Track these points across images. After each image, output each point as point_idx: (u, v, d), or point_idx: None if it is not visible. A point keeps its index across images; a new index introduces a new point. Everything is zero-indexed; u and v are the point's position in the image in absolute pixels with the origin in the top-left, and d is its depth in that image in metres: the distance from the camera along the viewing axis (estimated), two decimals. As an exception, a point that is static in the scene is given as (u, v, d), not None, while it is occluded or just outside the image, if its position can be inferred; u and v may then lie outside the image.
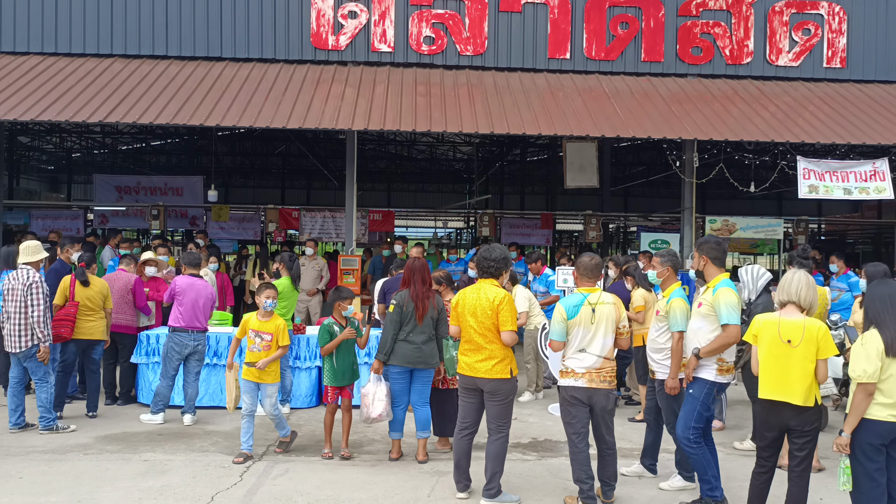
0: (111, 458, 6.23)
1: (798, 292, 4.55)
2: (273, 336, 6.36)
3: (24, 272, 7.01)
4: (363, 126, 10.05)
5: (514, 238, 15.65)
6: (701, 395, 5.09)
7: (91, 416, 7.60)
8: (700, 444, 5.10)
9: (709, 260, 5.24)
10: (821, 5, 12.32)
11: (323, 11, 11.82)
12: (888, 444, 4.19)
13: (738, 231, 12.82)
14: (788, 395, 4.41)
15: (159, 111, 10.02)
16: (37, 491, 5.39)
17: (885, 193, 10.35)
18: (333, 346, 6.35)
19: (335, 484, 5.67)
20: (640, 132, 10.44)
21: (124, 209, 14.88)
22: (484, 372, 5.26)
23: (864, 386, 4.13)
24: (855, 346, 4.24)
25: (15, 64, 11.29)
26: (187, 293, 7.48)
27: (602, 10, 12.09)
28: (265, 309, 6.41)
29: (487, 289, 5.36)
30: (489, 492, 5.21)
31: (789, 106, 11.45)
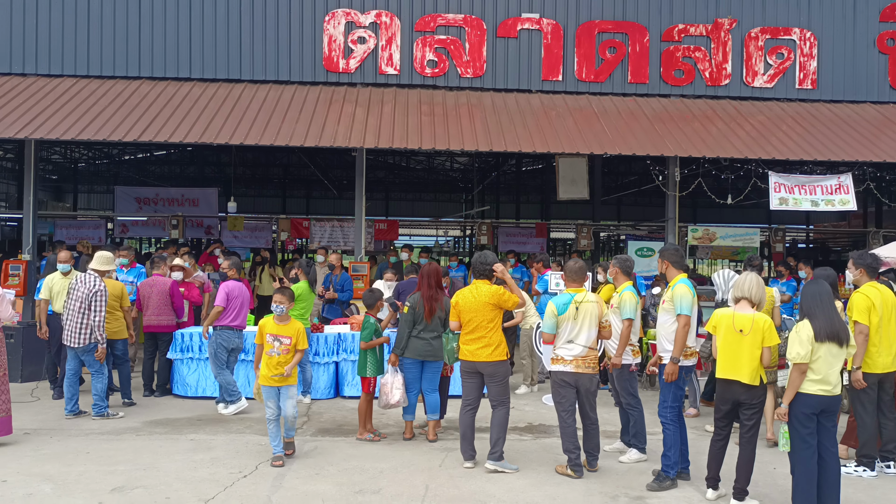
0: (161, 438, 7.15)
1: (749, 290, 5.52)
2: (292, 340, 6.45)
3: (91, 278, 7.91)
4: (374, 144, 11.00)
5: (511, 246, 16.59)
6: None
7: (127, 402, 8.46)
8: (675, 424, 6.02)
9: (669, 264, 6.19)
10: (793, 31, 13.35)
11: (334, 37, 12.81)
12: (818, 413, 5.14)
13: (718, 239, 13.81)
14: (739, 375, 5.37)
15: (187, 131, 10.95)
16: (106, 462, 6.30)
17: (848, 205, 11.33)
18: (377, 343, 7.23)
19: (358, 457, 6.60)
20: (626, 149, 11.41)
21: (145, 219, 15.79)
22: (485, 357, 6.25)
23: (798, 366, 5.09)
24: (791, 333, 5.21)
25: (51, 86, 12.22)
26: (235, 295, 8.39)
27: (592, 35, 13.10)
28: (276, 314, 6.53)
29: (483, 287, 6.37)
30: (493, 455, 6.18)
31: (763, 125, 12.45)
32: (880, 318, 6.34)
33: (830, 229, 23.59)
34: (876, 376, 6.39)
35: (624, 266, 6.83)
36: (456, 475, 6.11)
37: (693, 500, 5.60)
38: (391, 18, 12.86)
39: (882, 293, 6.46)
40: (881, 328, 6.34)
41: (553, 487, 5.85)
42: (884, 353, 6.36)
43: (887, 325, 6.38)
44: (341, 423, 7.90)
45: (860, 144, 11.85)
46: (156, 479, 5.85)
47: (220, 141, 10.83)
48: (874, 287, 6.49)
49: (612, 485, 5.94)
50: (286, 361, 6.40)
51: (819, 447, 5.15)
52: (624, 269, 6.81)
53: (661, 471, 5.92)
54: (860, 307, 6.35)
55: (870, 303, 6.34)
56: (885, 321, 6.37)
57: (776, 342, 5.40)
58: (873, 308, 6.33)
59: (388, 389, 7.05)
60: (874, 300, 6.36)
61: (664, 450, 5.96)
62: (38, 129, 10.77)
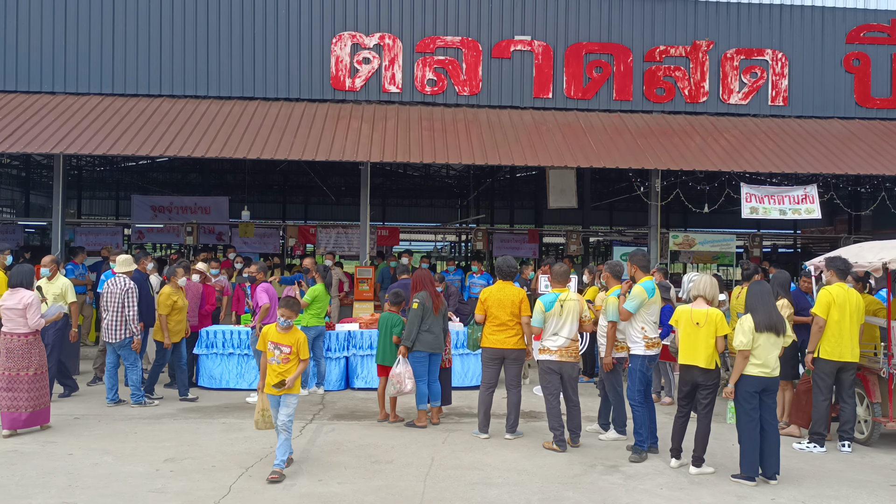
0: (196, 421, 8.11)
1: (704, 289, 6.52)
2: (292, 349, 6.25)
3: (121, 279, 8.90)
4: (378, 158, 11.99)
5: (504, 251, 17.59)
6: (638, 366, 7.02)
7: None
8: (643, 405, 7.01)
9: (637, 268, 7.17)
10: (766, 52, 14.41)
11: (341, 58, 13.81)
12: (760, 392, 6.15)
13: (697, 245, 14.83)
14: (696, 361, 6.36)
15: (207, 146, 11.92)
16: (153, 440, 7.27)
17: (814, 214, 12.36)
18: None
19: (372, 436, 7.58)
20: (611, 163, 12.41)
21: (161, 226, 16.75)
22: (511, 344, 7.44)
23: (742, 352, 6.10)
24: (737, 326, 6.22)
25: (78, 104, 13.19)
26: (272, 294, 9.36)
27: (579, 56, 14.13)
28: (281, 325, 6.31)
29: (508, 288, 7.49)
30: (512, 427, 7.51)
31: (738, 139, 13.48)
32: (841, 315, 7.20)
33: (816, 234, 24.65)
34: (834, 364, 7.26)
35: (614, 271, 7.72)
36: (458, 450, 7.09)
37: (659, 468, 6.59)
38: (394, 40, 13.87)
39: (848, 293, 7.35)
40: (841, 323, 7.21)
41: (541, 458, 6.84)
42: (843, 345, 7.21)
43: (849, 321, 7.24)
44: (353, 410, 8.87)
45: (826, 158, 12.88)
46: (200, 452, 6.82)
47: (238, 155, 11.81)
48: (841, 287, 7.39)
49: (591, 457, 6.94)
50: (287, 370, 6.18)
51: (761, 420, 6.15)
52: (614, 274, 7.67)
53: (636, 445, 6.91)
54: (820, 302, 7.29)
55: (830, 299, 7.25)
56: (846, 318, 7.22)
57: (727, 332, 6.41)
58: (833, 304, 7.23)
59: (401, 379, 7.95)
60: (836, 298, 7.26)
61: (636, 427, 6.94)
62: (71, 144, 11.75)
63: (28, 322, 7.23)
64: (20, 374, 7.33)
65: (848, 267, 7.41)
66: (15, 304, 7.19)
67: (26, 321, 7.23)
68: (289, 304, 6.37)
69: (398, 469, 6.44)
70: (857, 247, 8.30)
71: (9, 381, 7.32)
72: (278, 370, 6.18)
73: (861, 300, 7.35)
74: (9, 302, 7.24)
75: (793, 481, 6.24)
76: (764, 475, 6.17)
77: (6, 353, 7.33)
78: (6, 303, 7.26)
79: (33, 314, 7.25)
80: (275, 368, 6.20)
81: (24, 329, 7.27)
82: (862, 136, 13.87)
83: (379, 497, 5.68)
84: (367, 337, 10.33)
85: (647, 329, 7.00)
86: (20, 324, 7.28)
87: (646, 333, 6.93)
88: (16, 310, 7.19)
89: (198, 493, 5.69)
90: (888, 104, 14.56)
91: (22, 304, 7.18)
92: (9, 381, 7.32)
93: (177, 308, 9.22)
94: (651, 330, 6.96)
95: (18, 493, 5.63)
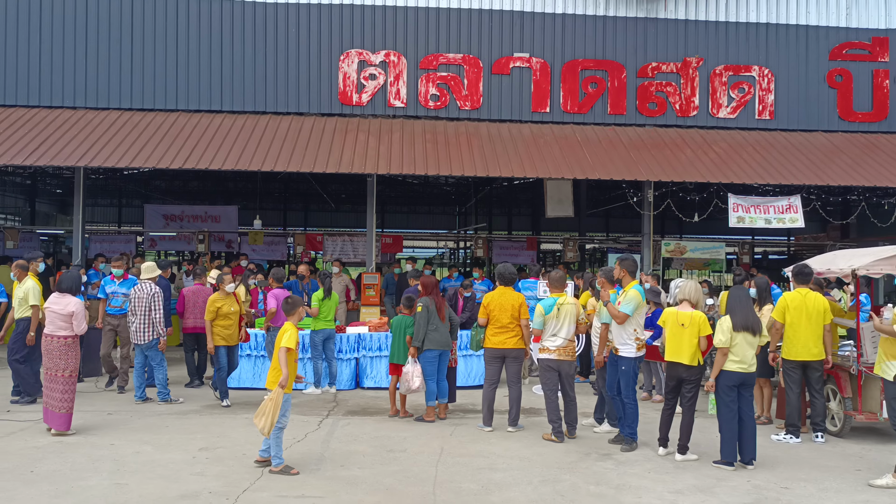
0: (221, 416, 8.76)
1: (689, 294, 7.21)
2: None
3: (147, 285, 9.56)
4: (385, 170, 12.68)
5: (504, 258, 18.26)
6: (630, 367, 7.67)
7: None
8: (635, 401, 7.66)
9: (626, 272, 7.80)
10: (753, 68, 15.14)
11: (349, 74, 14.51)
12: (738, 385, 6.82)
13: (688, 252, 15.54)
14: (681, 358, 7.04)
15: (224, 159, 12.61)
16: (184, 432, 7.92)
17: (797, 223, 13.07)
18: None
19: (385, 429, 8.23)
20: (605, 174, 13.11)
21: (174, 234, 17.41)
22: (511, 345, 8.10)
23: (722, 349, 6.78)
24: (717, 326, 6.90)
25: (98, 119, 13.85)
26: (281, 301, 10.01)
27: (575, 72, 14.85)
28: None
29: (508, 293, 8.15)
30: (514, 420, 8.14)
31: (726, 152, 14.18)
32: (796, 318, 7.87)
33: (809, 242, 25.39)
34: (798, 363, 8.00)
35: (608, 276, 8.31)
36: (464, 441, 7.75)
37: (648, 456, 7.25)
38: (398, 58, 14.58)
39: (805, 298, 8.06)
40: (799, 325, 7.91)
41: (540, 448, 7.50)
42: (799, 345, 7.90)
43: (807, 323, 7.94)
44: (365, 407, 9.52)
45: (809, 170, 13.59)
46: (230, 442, 7.47)
47: (252, 168, 12.49)
48: (798, 292, 8.10)
49: (586, 447, 7.60)
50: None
51: (739, 411, 6.83)
52: (609, 279, 8.25)
53: (627, 436, 7.55)
54: (777, 307, 8.02)
55: (785, 304, 7.96)
56: (802, 321, 7.91)
57: (709, 332, 7.08)
58: (787, 309, 7.94)
59: (409, 377, 8.61)
60: (790, 303, 7.96)
61: (628, 421, 7.59)
62: (94, 157, 12.41)
63: (74, 328, 7.85)
64: (56, 375, 7.91)
65: (804, 272, 8.07)
66: (60, 309, 7.82)
67: (69, 325, 7.85)
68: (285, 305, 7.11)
69: (411, 457, 7.09)
70: (832, 255, 9.01)
71: (49, 380, 7.93)
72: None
73: (821, 303, 7.98)
74: (55, 306, 7.87)
75: (768, 466, 6.90)
76: (742, 461, 6.84)
77: (46, 354, 7.94)
78: (52, 306, 7.88)
79: (79, 322, 7.87)
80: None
81: (65, 332, 7.88)
82: (844, 149, 14.59)
83: (396, 479, 6.33)
84: (375, 339, 10.99)
85: (639, 331, 7.65)
86: (61, 327, 7.89)
87: (637, 335, 7.58)
88: (60, 314, 7.82)
89: (233, 476, 6.34)
90: (869, 118, 15.28)
91: (67, 311, 7.80)
92: (49, 380, 7.93)
93: (222, 314, 9.34)
94: (641, 332, 7.62)
95: (73, 476, 6.27)
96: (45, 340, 7.97)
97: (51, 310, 7.88)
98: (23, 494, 5.79)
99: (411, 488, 6.11)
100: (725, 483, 6.39)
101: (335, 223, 31.61)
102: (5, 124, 13.41)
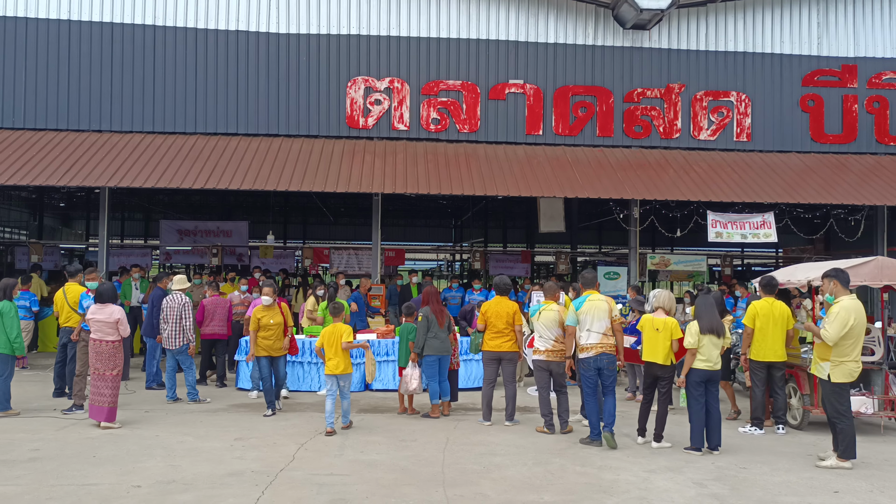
0: (248, 413, 9.75)
1: (663, 302, 8.27)
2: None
3: (178, 296, 10.59)
4: (391, 189, 13.72)
5: (500, 270, 19.32)
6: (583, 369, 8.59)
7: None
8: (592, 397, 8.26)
9: (581, 286, 8.69)
10: (731, 94, 16.27)
11: (355, 100, 15.59)
12: (706, 381, 7.86)
13: (672, 265, 16.61)
14: (656, 358, 8.08)
15: (241, 179, 13.63)
16: (217, 426, 8.91)
17: (771, 238, 14.16)
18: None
19: (396, 424, 9.24)
20: (593, 193, 14.18)
21: (189, 248, 18.42)
22: (507, 348, 9.11)
23: (691, 350, 7.83)
24: (687, 329, 7.95)
25: (123, 142, 14.89)
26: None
27: (566, 98, 15.96)
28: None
29: (504, 302, 9.17)
30: (510, 416, 9.14)
31: (706, 172, 15.28)
32: (764, 324, 8.96)
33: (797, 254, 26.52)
34: (764, 363, 9.05)
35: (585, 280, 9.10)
36: (467, 432, 8.77)
37: (627, 444, 8.28)
38: (402, 84, 15.67)
39: (772, 305, 9.11)
40: (764, 330, 8.97)
41: (534, 438, 8.52)
42: (766, 348, 8.96)
43: (773, 328, 9.02)
44: (375, 406, 10.52)
45: (783, 190, 14.70)
46: (260, 434, 8.47)
47: (269, 188, 13.53)
48: (766, 301, 9.17)
49: (574, 437, 8.61)
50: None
51: (707, 404, 7.87)
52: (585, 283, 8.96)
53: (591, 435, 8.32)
54: (748, 314, 9.09)
55: (755, 311, 9.04)
56: (769, 326, 8.99)
57: (680, 335, 8.13)
58: (757, 315, 9.01)
59: (408, 379, 9.63)
60: (759, 310, 9.04)
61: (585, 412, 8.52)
62: (122, 178, 13.44)
63: (119, 332, 8.88)
64: (105, 374, 8.93)
65: (771, 284, 9.15)
66: (106, 318, 8.84)
67: (115, 330, 8.87)
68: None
69: (421, 445, 8.10)
70: (793, 268, 10.09)
71: (97, 379, 8.93)
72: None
73: (785, 311, 9.07)
74: (99, 315, 8.88)
75: (732, 452, 7.94)
76: (709, 447, 7.87)
77: (96, 356, 8.95)
78: (97, 315, 8.90)
79: (124, 327, 8.93)
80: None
81: (112, 337, 8.90)
82: (817, 169, 15.71)
83: (410, 462, 7.34)
84: (382, 345, 11.98)
85: (583, 336, 8.26)
86: (108, 332, 8.90)
87: (582, 341, 8.26)
88: (106, 322, 8.84)
89: (269, 459, 7.34)
90: (840, 140, 16.42)
91: (113, 318, 8.83)
92: (97, 378, 8.94)
93: (262, 325, 9.66)
94: (584, 338, 8.25)
95: (131, 459, 7.27)
96: (94, 345, 8.98)
97: (96, 318, 8.89)
98: (94, 473, 6.78)
99: (423, 469, 7.12)
100: (693, 465, 7.42)
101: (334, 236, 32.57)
102: (36, 147, 14.43)
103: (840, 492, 6.57)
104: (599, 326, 8.24)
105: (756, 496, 6.40)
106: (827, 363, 7.41)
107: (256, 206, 32.37)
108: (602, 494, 6.37)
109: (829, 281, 7.53)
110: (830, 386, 7.40)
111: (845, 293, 7.46)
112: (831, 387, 7.40)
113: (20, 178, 13.30)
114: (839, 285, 7.45)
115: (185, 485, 6.47)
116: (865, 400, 8.95)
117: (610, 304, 8.38)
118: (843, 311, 7.31)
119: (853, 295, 7.54)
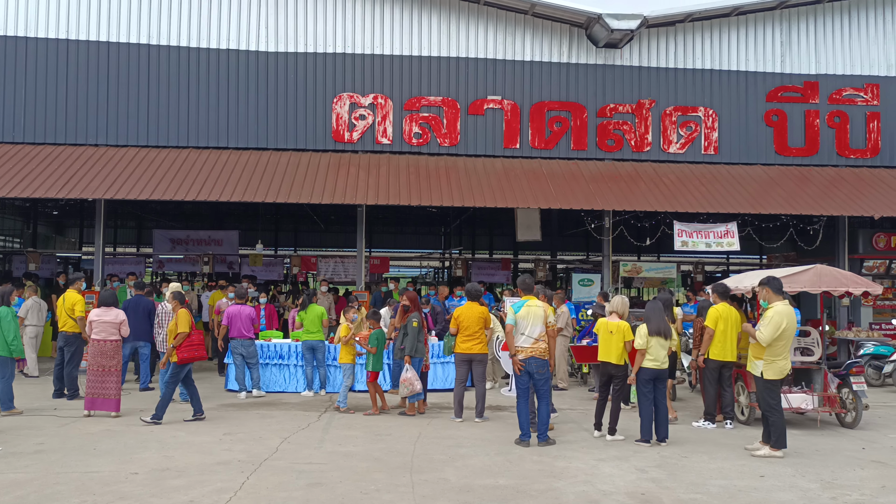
0: (236, 412, 10.46)
1: (617, 307, 9.04)
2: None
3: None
4: (374, 201, 14.47)
5: (481, 277, 20.06)
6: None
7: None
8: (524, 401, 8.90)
9: (521, 290, 9.27)
10: (699, 109, 17.10)
11: (341, 115, 16.35)
12: (654, 379, 8.62)
13: (644, 272, 17.40)
14: (610, 358, 8.84)
15: (231, 191, 14.36)
16: (207, 423, 9.61)
17: (734, 247, 14.96)
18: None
19: (373, 422, 9.96)
20: (567, 204, 14.94)
21: (181, 256, 19.11)
22: (477, 350, 9.86)
23: (640, 350, 8.59)
24: (636, 331, 8.71)
25: (119, 155, 15.59)
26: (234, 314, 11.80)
27: (542, 113, 16.75)
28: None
29: (475, 307, 9.90)
30: (480, 413, 9.86)
31: (675, 184, 16.07)
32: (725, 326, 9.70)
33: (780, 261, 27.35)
34: (717, 362, 9.79)
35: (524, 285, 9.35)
36: (439, 427, 9.51)
37: (584, 437, 9.03)
38: (385, 100, 16.43)
39: (729, 310, 9.88)
40: (725, 333, 9.70)
41: (500, 433, 9.25)
42: (726, 349, 9.71)
43: (730, 331, 9.78)
44: (356, 405, 11.20)
45: (746, 201, 15.50)
46: (248, 429, 9.19)
47: (258, 199, 14.26)
48: (724, 305, 9.92)
49: (537, 431, 9.35)
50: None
51: (655, 400, 8.63)
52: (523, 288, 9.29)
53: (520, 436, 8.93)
54: (710, 317, 9.82)
55: (717, 315, 9.77)
56: (729, 329, 9.73)
57: (632, 337, 8.88)
58: (719, 318, 9.76)
59: (411, 381, 10.31)
60: (721, 314, 9.78)
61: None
62: (118, 191, 14.15)
63: (121, 332, 9.72)
64: (109, 368, 9.73)
65: (726, 290, 9.94)
66: (112, 320, 9.69)
67: (117, 331, 9.71)
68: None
69: (395, 439, 8.83)
70: (743, 275, 10.89)
71: (101, 374, 9.71)
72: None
73: (737, 315, 9.85)
74: (105, 317, 9.71)
75: (679, 443, 8.69)
76: (657, 439, 8.62)
77: (100, 354, 9.74)
78: (103, 317, 9.72)
79: (126, 328, 9.79)
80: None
81: (115, 337, 9.75)
82: (780, 182, 16.54)
83: (383, 453, 8.07)
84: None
85: (517, 339, 8.72)
86: (111, 333, 9.76)
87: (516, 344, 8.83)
88: (112, 323, 9.68)
89: (255, 451, 8.06)
90: (802, 153, 17.26)
91: (118, 320, 9.69)
92: (102, 374, 9.71)
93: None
94: (520, 340, 8.78)
95: (129, 451, 7.97)
96: (98, 345, 9.75)
97: (102, 320, 9.66)
98: (95, 463, 7.49)
99: (394, 458, 7.85)
100: (640, 454, 8.17)
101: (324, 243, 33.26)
102: (36, 160, 15.12)
103: (766, 476, 7.33)
104: (533, 331, 8.62)
105: (689, 479, 7.16)
106: (761, 361, 8.18)
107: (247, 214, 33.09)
108: (552, 479, 7.11)
109: (762, 288, 8.31)
110: (763, 382, 8.18)
111: (778, 298, 8.23)
112: (764, 383, 8.17)
113: (20, 190, 14.00)
114: (771, 292, 8.23)
115: (178, 472, 7.18)
116: (806, 397, 9.74)
117: (547, 310, 8.80)
118: (776, 315, 8.09)
119: (786, 301, 8.32)
